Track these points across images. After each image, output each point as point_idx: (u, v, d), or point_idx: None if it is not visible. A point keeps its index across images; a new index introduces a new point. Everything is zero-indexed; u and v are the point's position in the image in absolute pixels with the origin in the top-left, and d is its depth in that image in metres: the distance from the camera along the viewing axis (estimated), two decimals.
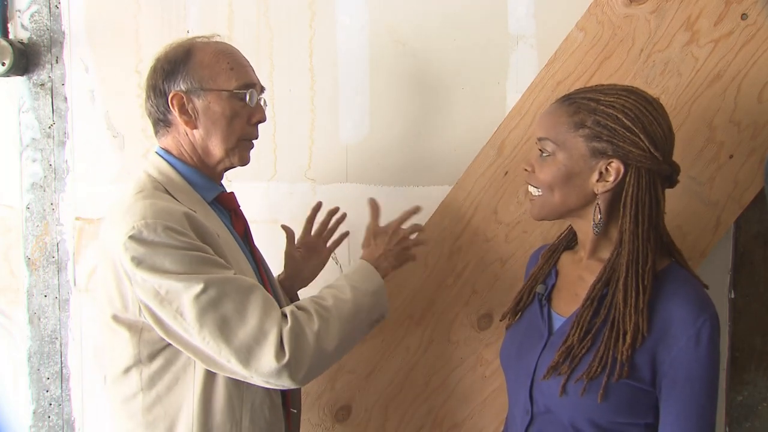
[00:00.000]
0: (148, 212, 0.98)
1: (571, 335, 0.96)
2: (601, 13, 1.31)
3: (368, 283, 1.12)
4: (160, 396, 1.04)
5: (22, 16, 1.61)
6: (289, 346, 0.97)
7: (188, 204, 1.06)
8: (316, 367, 1.02)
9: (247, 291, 0.99)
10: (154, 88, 1.10)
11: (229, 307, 0.97)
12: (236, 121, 1.11)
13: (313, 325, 1.01)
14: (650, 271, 0.93)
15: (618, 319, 0.93)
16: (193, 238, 0.99)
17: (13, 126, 1.64)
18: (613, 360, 0.92)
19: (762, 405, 1.40)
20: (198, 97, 1.08)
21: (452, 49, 1.44)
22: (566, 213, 1.01)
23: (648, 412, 0.93)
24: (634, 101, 0.95)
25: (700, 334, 0.90)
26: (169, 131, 1.12)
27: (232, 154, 1.12)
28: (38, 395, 1.66)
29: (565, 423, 0.96)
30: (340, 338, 1.03)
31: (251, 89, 1.12)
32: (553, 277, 1.09)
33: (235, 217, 1.19)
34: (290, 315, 1.01)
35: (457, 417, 1.43)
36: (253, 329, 0.97)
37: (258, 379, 0.99)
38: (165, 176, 1.09)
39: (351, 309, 1.07)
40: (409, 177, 1.48)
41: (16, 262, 1.66)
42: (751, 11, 1.24)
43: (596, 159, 0.95)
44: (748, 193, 1.28)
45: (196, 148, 1.11)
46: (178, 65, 1.08)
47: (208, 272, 0.98)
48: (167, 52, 1.11)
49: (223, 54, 1.11)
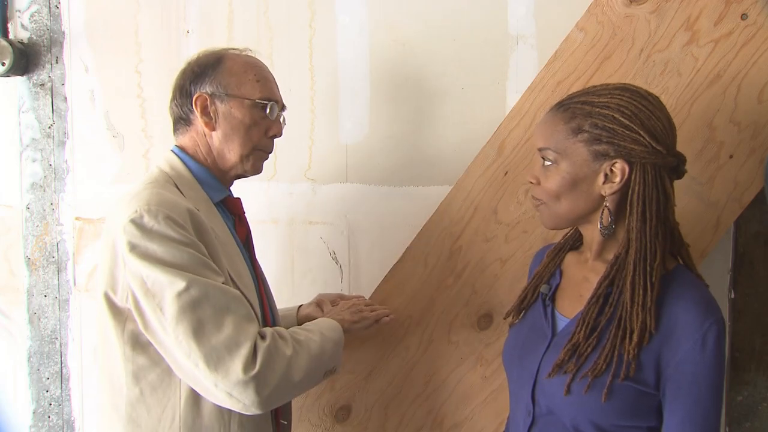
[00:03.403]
0: (153, 200, 1.00)
1: (576, 333, 0.95)
2: (601, 13, 1.31)
3: (332, 332, 1.16)
4: (144, 394, 1.04)
5: (22, 16, 1.62)
6: (261, 360, 0.97)
7: (194, 201, 1.08)
8: (281, 392, 1.01)
9: (228, 300, 0.99)
10: (181, 88, 1.15)
11: (207, 312, 0.97)
12: (254, 130, 1.15)
13: (288, 350, 1.02)
14: (659, 268, 0.93)
15: (624, 318, 0.92)
16: (191, 234, 1.00)
17: (13, 126, 1.64)
18: (618, 358, 0.91)
19: (762, 405, 1.40)
20: (221, 102, 1.13)
21: (452, 49, 1.44)
22: (576, 219, 1.00)
23: (651, 415, 0.93)
24: (628, 99, 0.94)
25: (706, 338, 0.89)
26: (188, 130, 1.15)
27: (245, 161, 1.16)
28: (38, 395, 1.66)
29: (567, 425, 0.96)
30: (306, 372, 1.04)
31: (273, 103, 1.16)
32: (557, 278, 1.09)
33: (238, 223, 1.20)
34: (270, 335, 1.02)
35: (457, 417, 1.43)
36: (226, 338, 0.97)
37: (222, 390, 0.96)
38: (176, 172, 1.12)
39: (318, 350, 1.09)
40: (409, 177, 1.48)
41: (16, 262, 1.66)
42: (751, 11, 1.24)
43: (599, 162, 0.94)
44: (748, 193, 1.28)
45: (212, 149, 1.15)
46: (208, 69, 1.13)
47: (196, 272, 0.98)
48: (200, 56, 1.17)
49: (253, 66, 1.16)
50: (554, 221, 1.01)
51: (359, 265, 1.51)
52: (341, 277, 1.52)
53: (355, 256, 1.51)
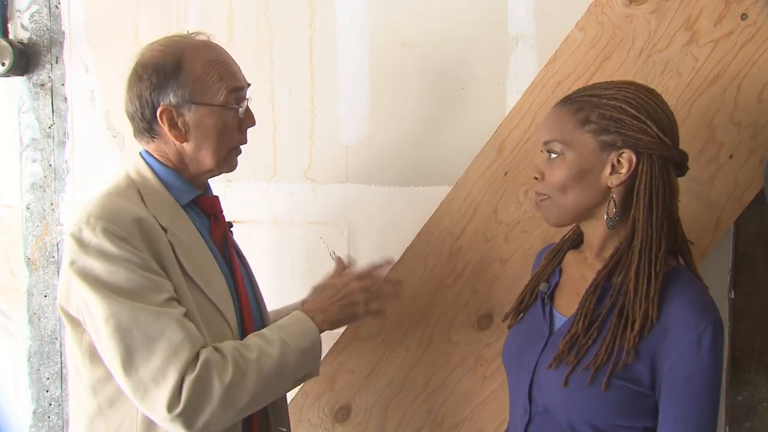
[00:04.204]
0: (94, 211, 0.96)
1: (575, 324, 0.95)
2: (601, 13, 1.31)
3: (300, 339, 1.04)
4: (101, 408, 1.01)
5: (22, 16, 1.61)
6: (186, 395, 0.90)
7: (156, 207, 1.03)
8: (220, 421, 0.94)
9: (162, 326, 0.93)
10: (139, 96, 1.06)
11: (138, 339, 0.92)
12: (227, 133, 1.09)
13: (226, 376, 0.94)
14: (663, 258, 0.93)
15: (627, 307, 0.92)
16: (134, 246, 0.95)
17: (13, 126, 1.64)
18: (620, 349, 0.91)
19: (762, 405, 1.40)
20: (189, 111, 1.05)
21: (452, 49, 1.44)
22: (581, 213, 0.99)
23: (646, 415, 0.92)
24: (635, 91, 0.95)
25: (702, 339, 0.89)
26: (155, 140, 1.09)
27: (222, 164, 1.11)
28: (38, 395, 1.66)
29: (563, 425, 0.96)
30: (253, 394, 0.96)
31: (241, 101, 1.09)
32: (556, 276, 1.08)
33: (214, 224, 1.14)
34: (201, 362, 0.92)
35: (457, 417, 1.43)
36: (154, 368, 0.91)
37: (156, 418, 0.94)
38: (141, 177, 1.07)
39: (274, 366, 0.99)
40: (409, 177, 1.48)
41: (16, 262, 1.66)
42: (751, 11, 1.24)
43: (607, 152, 0.95)
44: (748, 193, 1.28)
45: (185, 157, 1.09)
46: (168, 78, 1.04)
47: (131, 293, 0.93)
48: (154, 58, 1.06)
49: (212, 63, 1.07)
50: (559, 216, 1.00)
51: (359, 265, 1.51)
52: None
53: (355, 256, 1.51)
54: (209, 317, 1.02)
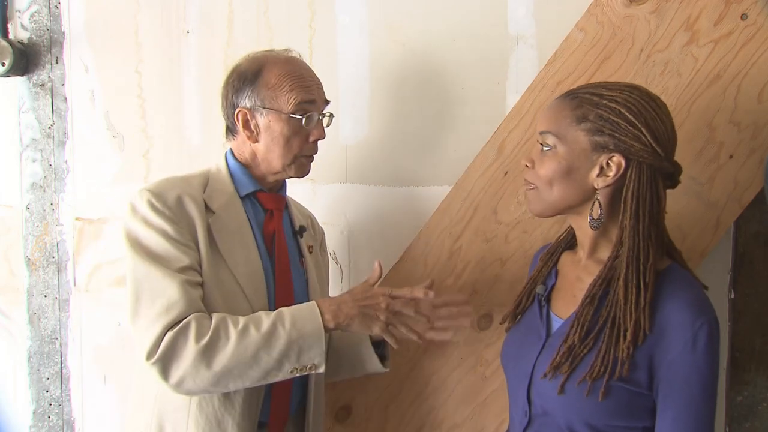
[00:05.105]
0: (150, 187, 1.13)
1: (571, 335, 0.95)
2: (601, 13, 1.31)
3: (299, 323, 1.06)
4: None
5: (22, 16, 1.62)
6: (163, 348, 1.02)
7: (213, 192, 1.16)
8: (195, 380, 1.03)
9: (166, 285, 1.05)
10: (225, 98, 1.22)
11: (146, 293, 1.05)
12: (294, 140, 1.18)
13: (202, 339, 1.02)
14: (651, 268, 0.93)
15: (618, 317, 0.92)
16: (168, 218, 1.09)
17: (13, 126, 1.64)
18: (614, 360, 0.91)
19: (762, 405, 1.40)
20: (261, 115, 1.18)
21: (452, 49, 1.44)
22: (564, 209, 1.00)
23: (645, 415, 0.93)
24: (637, 97, 0.95)
25: (697, 338, 0.89)
26: (235, 138, 1.23)
27: (288, 168, 1.20)
28: (38, 395, 1.66)
29: (562, 425, 0.96)
30: (230, 360, 1.02)
31: (311, 112, 1.18)
32: (552, 278, 1.09)
33: (269, 217, 1.22)
34: (184, 322, 1.03)
35: (457, 417, 1.43)
36: (148, 319, 1.04)
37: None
38: (217, 169, 1.22)
39: (258, 339, 1.04)
40: (409, 177, 1.48)
41: (16, 262, 1.66)
42: (751, 11, 1.24)
43: (597, 153, 0.95)
44: (748, 193, 1.28)
45: (257, 156, 1.21)
46: (246, 83, 1.18)
47: (153, 256, 1.07)
48: (242, 65, 1.21)
49: (288, 75, 1.18)
50: (542, 208, 1.01)
51: (359, 265, 1.51)
52: (341, 277, 1.52)
53: (355, 256, 1.51)
54: (231, 293, 1.12)
